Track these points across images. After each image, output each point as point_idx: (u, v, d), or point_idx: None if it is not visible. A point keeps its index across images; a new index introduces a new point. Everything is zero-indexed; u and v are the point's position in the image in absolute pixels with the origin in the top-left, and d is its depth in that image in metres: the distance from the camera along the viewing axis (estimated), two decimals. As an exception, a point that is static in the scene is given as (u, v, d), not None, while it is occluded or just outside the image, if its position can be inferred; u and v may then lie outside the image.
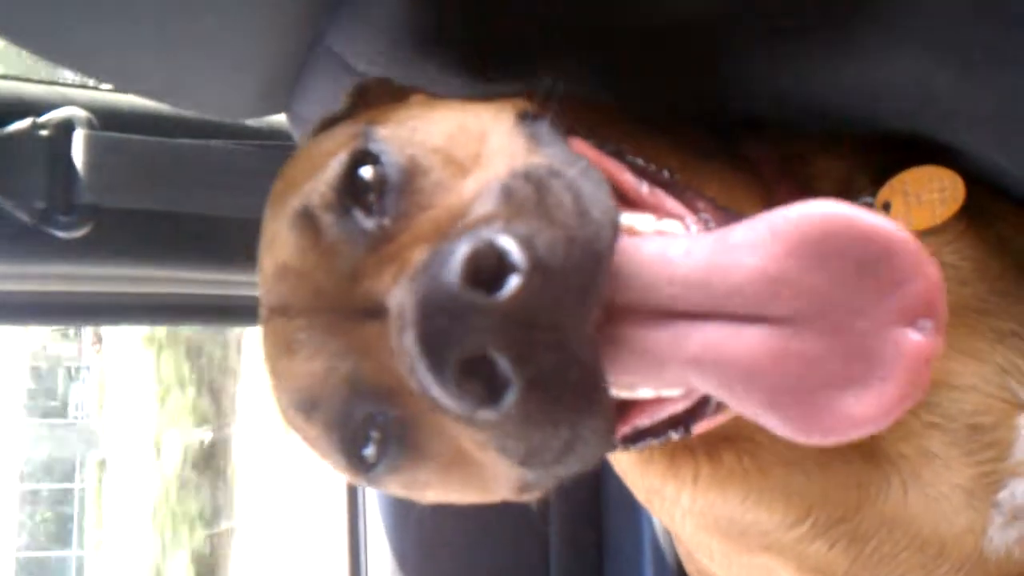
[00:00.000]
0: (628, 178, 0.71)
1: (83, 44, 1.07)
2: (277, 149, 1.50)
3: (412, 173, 0.74)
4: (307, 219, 0.77)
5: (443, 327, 0.56)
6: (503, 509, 0.86)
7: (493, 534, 1.92)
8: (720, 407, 0.71)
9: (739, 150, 0.99)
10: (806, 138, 1.01)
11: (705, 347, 0.59)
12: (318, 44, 1.12)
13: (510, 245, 0.57)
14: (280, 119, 1.49)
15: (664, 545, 1.84)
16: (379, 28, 1.04)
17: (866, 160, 0.98)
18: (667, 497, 1.06)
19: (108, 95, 1.56)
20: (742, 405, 0.60)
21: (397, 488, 0.83)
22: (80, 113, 1.46)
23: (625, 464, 1.10)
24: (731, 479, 0.98)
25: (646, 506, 1.13)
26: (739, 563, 1.11)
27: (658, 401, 0.70)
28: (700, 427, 0.75)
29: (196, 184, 1.49)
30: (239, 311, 1.65)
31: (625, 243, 0.62)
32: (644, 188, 0.71)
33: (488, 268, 0.57)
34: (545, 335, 0.57)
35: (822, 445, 0.59)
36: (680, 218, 0.68)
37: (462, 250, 0.57)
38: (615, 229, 0.61)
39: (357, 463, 0.78)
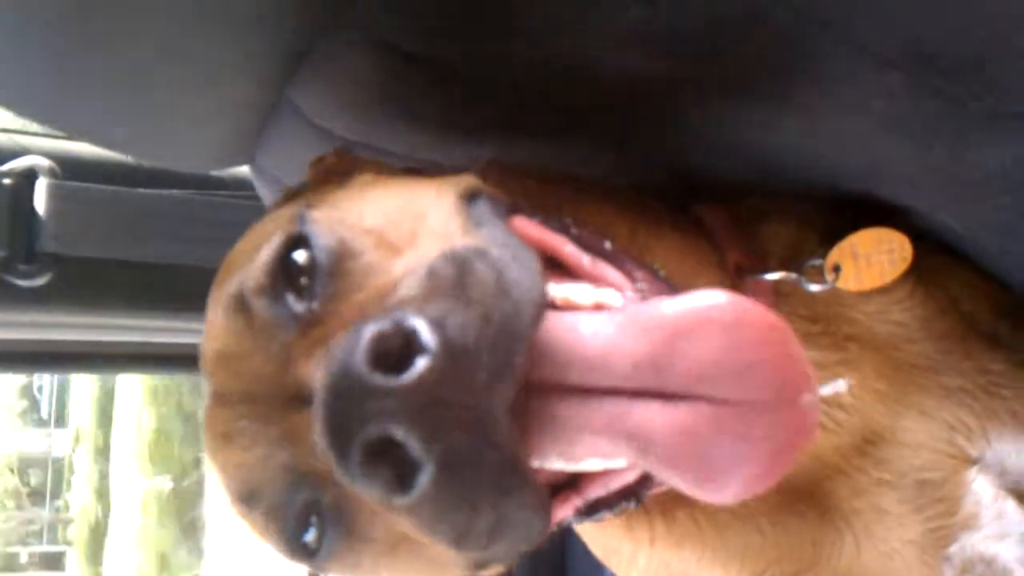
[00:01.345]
0: (570, 250, 0.72)
1: (50, 98, 1.08)
2: (239, 199, 1.52)
3: (342, 256, 0.73)
4: (240, 304, 0.76)
5: (347, 410, 0.56)
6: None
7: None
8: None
9: (691, 214, 1.00)
10: (757, 201, 1.03)
11: (609, 420, 0.60)
12: (281, 99, 1.13)
13: (420, 326, 0.57)
14: (243, 170, 1.50)
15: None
16: (339, 85, 1.05)
17: (816, 222, 1.00)
18: (624, 556, 1.06)
19: (71, 144, 1.57)
20: (647, 467, 0.61)
21: (346, 572, 0.81)
22: (43, 162, 1.47)
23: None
24: (687, 538, 0.99)
25: (604, 563, 1.13)
26: None
27: (608, 473, 0.71)
28: (653, 493, 0.76)
29: (157, 233, 1.50)
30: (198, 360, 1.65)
31: (546, 320, 0.63)
32: (586, 259, 0.72)
33: (396, 349, 0.57)
34: (456, 415, 0.56)
35: (719, 502, 0.61)
36: (619, 288, 0.69)
37: (368, 332, 0.57)
38: (538, 308, 0.62)
39: (299, 550, 0.77)
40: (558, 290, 0.67)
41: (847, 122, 0.81)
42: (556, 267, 0.72)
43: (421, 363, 0.56)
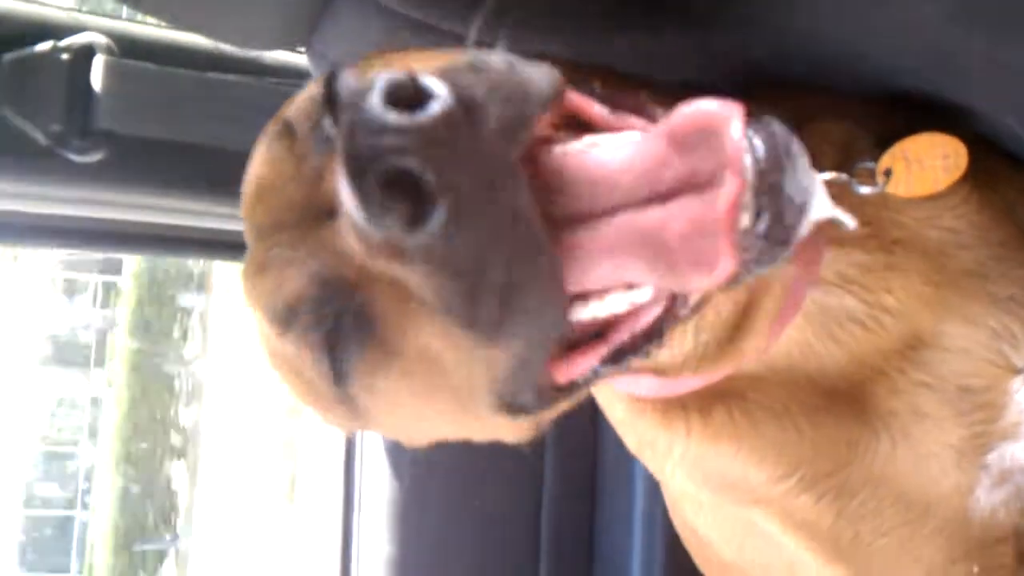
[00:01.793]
0: (596, 108, 0.73)
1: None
2: (295, 88, 1.52)
3: None
4: (284, 131, 0.80)
5: (365, 145, 0.58)
6: (498, 456, 0.87)
7: (487, 482, 1.94)
8: (690, 310, 0.74)
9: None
10: (809, 99, 1.02)
11: (618, 231, 0.63)
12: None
13: (432, 80, 0.60)
14: (300, 59, 1.50)
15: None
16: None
17: (869, 125, 0.99)
18: (659, 449, 1.07)
19: (127, 24, 1.58)
20: (650, 274, 0.64)
21: (373, 403, 0.83)
22: (100, 39, 1.47)
23: (619, 414, 1.12)
24: (722, 433, 1.00)
25: (637, 455, 1.14)
26: (726, 515, 1.13)
27: (631, 315, 0.72)
28: (673, 336, 0.77)
29: (211, 117, 1.51)
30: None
31: (556, 155, 0.67)
32: (609, 114, 0.73)
33: (410, 96, 0.59)
34: (469, 158, 0.59)
35: (698, 289, 0.66)
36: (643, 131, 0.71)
37: (382, 79, 0.59)
38: (551, 88, 0.66)
39: (332, 369, 0.79)
40: (584, 141, 0.69)
41: (914, 10, 0.80)
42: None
43: (435, 105, 0.58)
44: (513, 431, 0.86)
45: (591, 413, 1.12)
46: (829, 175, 0.92)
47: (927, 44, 0.85)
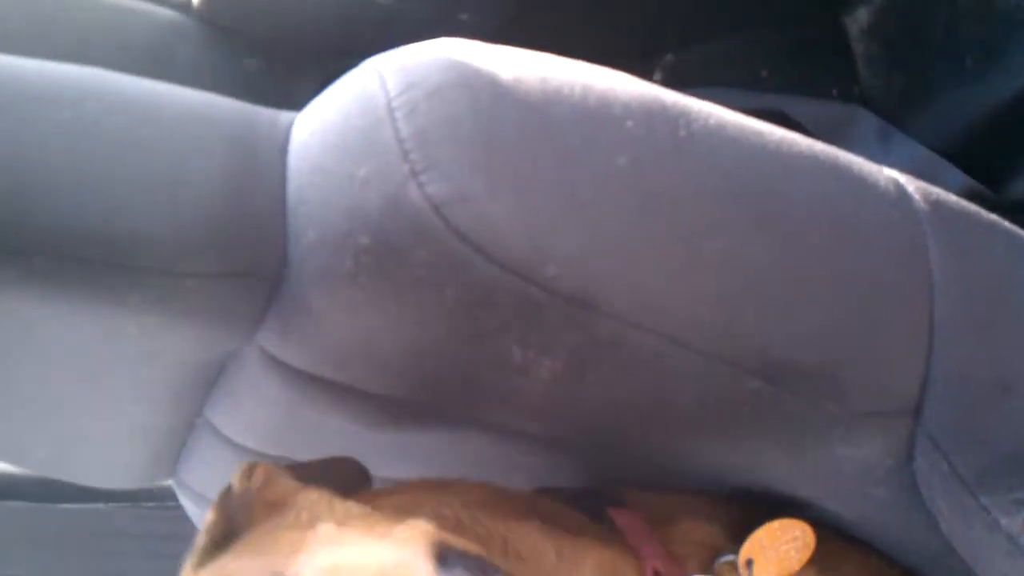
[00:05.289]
0: None
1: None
2: (158, 510, 1.51)
3: None
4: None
5: None
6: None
7: None
8: None
9: (604, 518, 1.01)
10: (669, 501, 1.06)
11: None
12: (198, 416, 1.16)
13: None
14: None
15: None
16: (247, 402, 1.08)
17: (727, 519, 1.03)
18: None
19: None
20: None
21: None
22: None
23: None
24: None
25: None
26: None
27: None
28: None
29: (79, 549, 1.48)
30: None
31: None
32: None
33: None
34: None
35: None
36: None
37: None
38: None
39: None
40: None
41: (720, 428, 0.85)
42: None
43: None
44: None
45: None
46: None
47: (740, 453, 0.90)
